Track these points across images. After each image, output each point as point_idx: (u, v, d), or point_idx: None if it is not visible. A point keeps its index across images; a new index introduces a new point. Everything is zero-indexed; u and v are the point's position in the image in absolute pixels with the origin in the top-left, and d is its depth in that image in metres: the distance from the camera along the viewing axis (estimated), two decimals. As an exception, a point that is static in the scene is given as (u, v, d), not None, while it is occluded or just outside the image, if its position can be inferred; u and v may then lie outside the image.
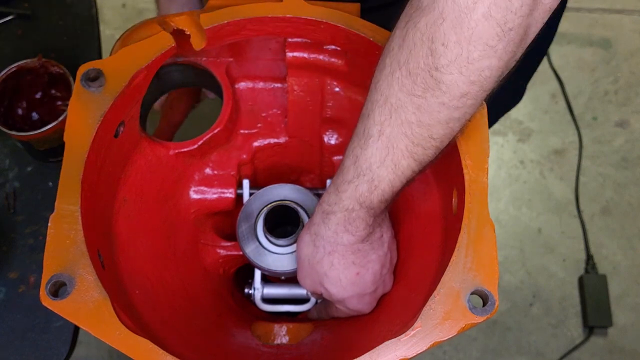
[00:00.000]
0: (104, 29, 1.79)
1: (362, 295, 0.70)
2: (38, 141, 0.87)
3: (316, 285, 0.70)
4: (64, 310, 0.58)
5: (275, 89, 0.83)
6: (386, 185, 0.60)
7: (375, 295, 0.72)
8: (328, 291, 0.70)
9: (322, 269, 0.68)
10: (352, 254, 0.67)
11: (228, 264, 0.87)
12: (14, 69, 0.88)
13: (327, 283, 0.69)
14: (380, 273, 0.70)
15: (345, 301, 0.71)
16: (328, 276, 0.68)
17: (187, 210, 0.82)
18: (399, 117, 0.57)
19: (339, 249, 0.66)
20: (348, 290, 0.69)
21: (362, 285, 0.69)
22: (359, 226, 0.64)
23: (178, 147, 0.79)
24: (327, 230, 0.65)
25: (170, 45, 0.70)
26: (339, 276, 0.68)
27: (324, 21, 0.71)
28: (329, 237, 0.65)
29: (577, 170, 1.89)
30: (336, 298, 0.70)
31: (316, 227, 0.66)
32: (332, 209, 0.64)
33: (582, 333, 1.72)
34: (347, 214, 0.63)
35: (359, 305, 0.72)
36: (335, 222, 0.64)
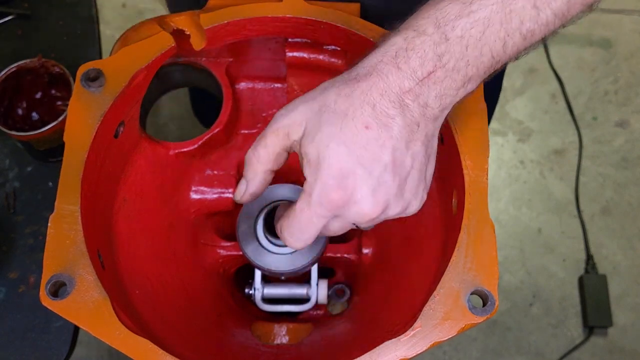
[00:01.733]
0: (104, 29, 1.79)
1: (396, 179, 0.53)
2: (38, 141, 0.87)
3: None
4: (64, 310, 0.59)
5: (275, 89, 0.83)
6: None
7: (402, 196, 0.55)
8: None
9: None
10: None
11: (228, 264, 0.87)
12: (14, 69, 0.88)
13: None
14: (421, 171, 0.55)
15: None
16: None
17: (187, 210, 0.82)
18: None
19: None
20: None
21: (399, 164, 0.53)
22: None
23: (178, 147, 0.79)
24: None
25: (170, 45, 0.70)
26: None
27: (324, 21, 0.71)
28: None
29: (577, 170, 1.89)
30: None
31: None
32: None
33: (582, 333, 1.73)
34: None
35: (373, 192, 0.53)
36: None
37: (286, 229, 0.56)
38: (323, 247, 0.75)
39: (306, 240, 0.56)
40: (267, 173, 0.58)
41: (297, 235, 0.56)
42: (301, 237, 0.56)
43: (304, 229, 0.55)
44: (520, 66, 2.02)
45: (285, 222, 0.56)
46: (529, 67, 2.02)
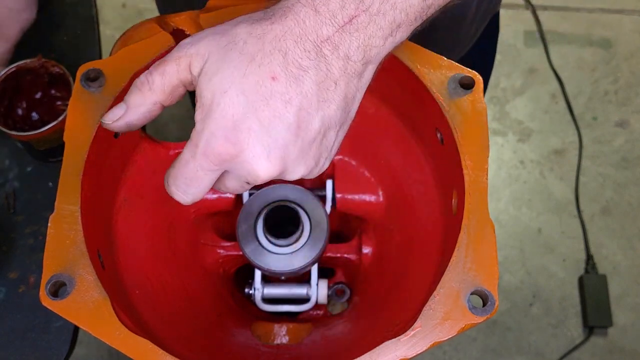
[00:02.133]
0: (104, 29, 1.79)
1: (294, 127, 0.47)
2: (38, 141, 0.87)
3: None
4: (64, 310, 0.59)
5: (275, 89, 0.83)
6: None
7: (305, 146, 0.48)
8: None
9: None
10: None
11: (228, 264, 0.87)
12: (14, 69, 0.88)
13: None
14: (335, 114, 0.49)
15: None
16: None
17: (187, 210, 0.82)
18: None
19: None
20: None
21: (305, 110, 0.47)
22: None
23: (178, 147, 0.79)
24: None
25: (170, 45, 0.70)
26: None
27: (324, 21, 0.71)
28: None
29: (577, 170, 1.89)
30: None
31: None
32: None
33: (582, 333, 1.73)
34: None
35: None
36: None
37: (172, 180, 0.50)
38: (323, 247, 0.75)
39: (194, 195, 0.50)
40: (155, 105, 0.50)
41: (183, 188, 0.50)
42: (187, 190, 0.50)
43: (190, 182, 0.49)
44: (520, 66, 2.02)
45: (172, 172, 0.50)
46: (529, 67, 2.02)
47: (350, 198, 0.84)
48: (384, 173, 0.82)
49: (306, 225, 0.75)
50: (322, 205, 0.76)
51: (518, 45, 2.05)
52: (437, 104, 0.66)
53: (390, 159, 0.80)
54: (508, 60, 2.02)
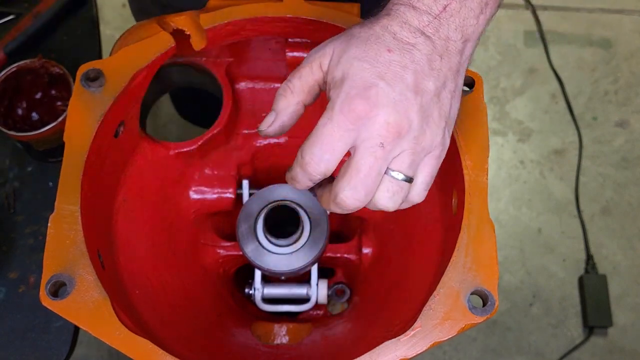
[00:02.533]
0: (104, 29, 1.79)
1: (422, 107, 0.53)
2: (38, 141, 0.87)
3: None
4: (64, 310, 0.59)
5: (275, 89, 0.83)
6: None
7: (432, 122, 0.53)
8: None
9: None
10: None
11: (228, 264, 0.87)
12: (14, 69, 0.88)
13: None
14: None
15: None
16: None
17: (187, 210, 0.82)
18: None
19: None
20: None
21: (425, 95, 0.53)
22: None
23: (178, 147, 0.79)
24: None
25: (170, 45, 0.70)
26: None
27: (324, 21, 0.71)
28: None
29: (577, 170, 1.89)
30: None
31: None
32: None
33: (582, 333, 1.72)
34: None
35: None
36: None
37: (307, 150, 0.53)
38: (323, 247, 0.75)
39: (328, 162, 0.52)
40: (299, 105, 0.56)
41: (319, 155, 0.52)
42: (323, 156, 0.52)
43: (325, 147, 0.52)
44: (520, 66, 2.02)
45: (307, 142, 0.53)
46: (529, 67, 2.02)
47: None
48: (384, 173, 0.82)
49: (306, 225, 0.75)
50: (322, 205, 0.76)
51: (518, 45, 2.05)
52: (437, 104, 0.66)
53: (390, 159, 0.80)
54: (508, 60, 2.02)
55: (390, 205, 0.55)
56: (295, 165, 0.55)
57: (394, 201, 0.55)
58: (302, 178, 0.55)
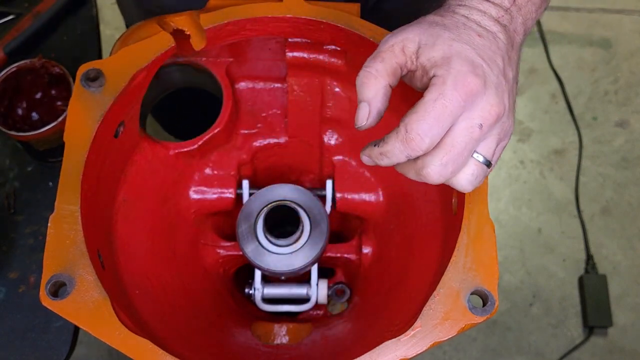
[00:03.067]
0: (104, 29, 1.79)
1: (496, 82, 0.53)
2: (38, 141, 0.87)
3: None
4: (64, 310, 0.58)
5: (275, 89, 0.83)
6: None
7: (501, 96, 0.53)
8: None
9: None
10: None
11: (228, 264, 0.87)
12: (14, 69, 0.88)
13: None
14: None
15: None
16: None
17: (187, 210, 0.82)
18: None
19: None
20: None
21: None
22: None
23: (178, 147, 0.79)
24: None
25: (170, 45, 0.70)
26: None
27: (324, 21, 0.71)
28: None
29: (577, 170, 1.89)
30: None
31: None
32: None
33: (582, 333, 1.72)
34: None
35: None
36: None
37: (414, 123, 0.51)
38: (323, 247, 0.75)
39: (433, 137, 0.51)
40: (387, 88, 0.54)
41: (426, 129, 0.51)
42: (430, 131, 0.51)
43: (435, 122, 0.50)
44: (520, 66, 2.02)
45: (414, 116, 0.51)
46: (529, 67, 2.02)
47: (350, 198, 0.84)
48: (384, 173, 0.82)
49: (306, 225, 0.75)
50: (322, 205, 0.76)
51: (518, 45, 2.05)
52: (437, 104, 0.66)
53: (390, 159, 0.80)
54: (508, 60, 2.03)
55: (469, 187, 0.55)
56: (393, 140, 0.53)
57: (474, 184, 0.55)
58: (399, 154, 0.53)
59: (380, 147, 0.54)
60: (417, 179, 0.55)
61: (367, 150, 0.56)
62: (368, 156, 0.56)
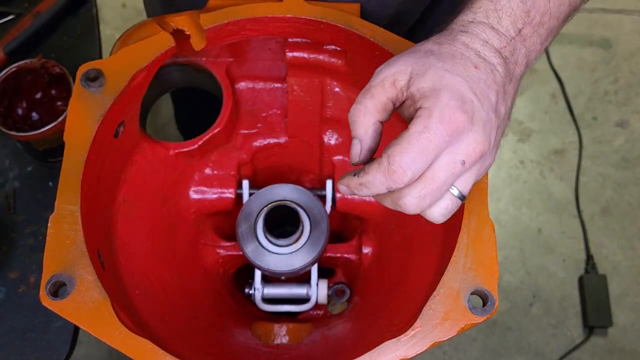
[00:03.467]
0: (104, 29, 1.79)
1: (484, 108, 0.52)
2: (38, 141, 0.87)
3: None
4: (64, 310, 0.59)
5: (275, 89, 0.83)
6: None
7: (487, 129, 0.52)
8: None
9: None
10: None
11: (228, 264, 0.87)
12: (14, 69, 0.88)
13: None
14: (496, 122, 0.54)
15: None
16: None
17: (187, 210, 0.82)
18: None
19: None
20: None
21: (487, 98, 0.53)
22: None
23: (178, 147, 0.79)
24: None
25: (170, 45, 0.70)
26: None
27: (324, 21, 0.71)
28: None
29: (577, 170, 1.89)
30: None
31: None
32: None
33: (582, 333, 1.72)
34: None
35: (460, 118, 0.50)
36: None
37: (397, 156, 0.50)
38: (323, 247, 0.75)
39: (415, 171, 0.50)
40: (377, 125, 0.54)
41: (409, 162, 0.50)
42: (412, 165, 0.50)
43: (418, 155, 0.50)
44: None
45: (398, 148, 0.50)
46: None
47: (350, 198, 0.84)
48: (384, 173, 0.82)
49: (306, 225, 0.75)
50: (322, 205, 0.76)
51: (518, 45, 2.05)
52: (437, 104, 0.66)
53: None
54: (508, 60, 2.03)
55: (441, 219, 0.54)
56: (375, 171, 0.52)
57: (446, 217, 0.54)
58: (379, 185, 0.52)
59: (360, 177, 0.53)
60: (393, 208, 0.54)
61: (345, 180, 0.55)
62: (346, 186, 0.55)
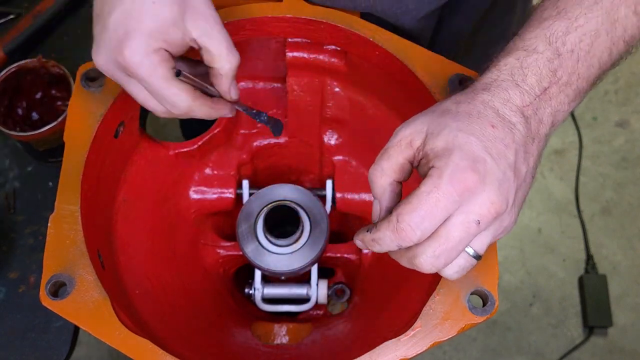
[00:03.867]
0: (104, 29, 1.79)
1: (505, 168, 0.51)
2: (38, 141, 0.87)
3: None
4: (64, 310, 0.59)
5: (275, 89, 0.83)
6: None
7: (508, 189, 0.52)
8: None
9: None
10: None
11: (228, 264, 0.87)
12: (14, 69, 0.88)
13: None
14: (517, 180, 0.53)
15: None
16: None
17: (187, 210, 0.82)
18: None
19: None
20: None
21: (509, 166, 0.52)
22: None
23: (178, 147, 0.79)
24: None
25: (170, 45, 0.70)
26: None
27: (324, 21, 0.71)
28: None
29: (577, 170, 1.89)
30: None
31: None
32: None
33: (582, 333, 1.72)
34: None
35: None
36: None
37: (406, 215, 0.50)
38: (323, 247, 0.75)
39: (424, 230, 0.50)
40: (394, 185, 0.55)
41: (418, 221, 0.50)
42: (421, 225, 0.50)
43: (426, 215, 0.50)
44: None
45: (407, 207, 0.50)
46: (529, 67, 2.02)
47: (350, 198, 0.84)
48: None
49: (306, 225, 0.75)
50: (322, 205, 0.76)
51: (518, 45, 2.05)
52: (437, 104, 0.66)
53: (390, 159, 0.80)
54: (508, 60, 2.03)
55: (455, 277, 0.54)
56: (384, 228, 0.52)
57: (460, 275, 0.54)
58: (390, 242, 0.52)
59: (372, 233, 0.53)
60: (409, 267, 0.54)
61: (360, 235, 0.56)
62: (361, 241, 0.56)
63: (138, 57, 0.57)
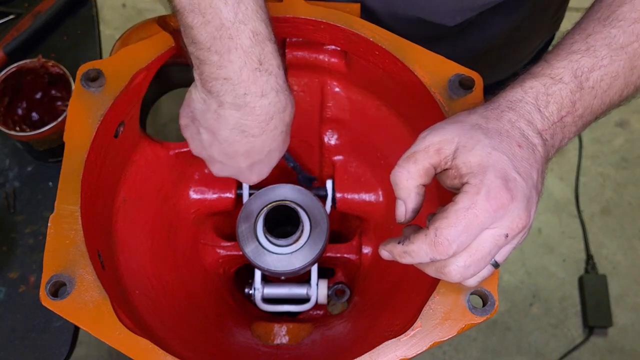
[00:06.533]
0: (104, 29, 1.79)
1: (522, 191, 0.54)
2: (38, 141, 0.87)
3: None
4: (64, 310, 0.59)
5: (275, 89, 0.83)
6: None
7: (526, 206, 0.55)
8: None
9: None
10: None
11: (228, 264, 0.87)
12: (14, 69, 0.88)
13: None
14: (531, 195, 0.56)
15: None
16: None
17: (187, 210, 0.82)
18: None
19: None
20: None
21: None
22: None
23: (178, 147, 0.79)
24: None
25: (170, 45, 0.70)
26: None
27: (324, 21, 0.71)
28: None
29: (577, 170, 1.89)
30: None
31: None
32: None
33: (582, 333, 1.73)
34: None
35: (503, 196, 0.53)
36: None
37: (444, 229, 0.52)
38: (323, 247, 0.75)
39: (460, 244, 0.53)
40: (419, 188, 0.57)
41: (455, 235, 0.52)
42: (458, 238, 0.52)
43: (465, 228, 0.52)
44: (520, 66, 2.02)
45: (445, 222, 0.53)
46: (529, 67, 2.02)
47: (350, 198, 0.84)
48: (384, 173, 0.82)
49: (306, 225, 0.75)
50: (322, 205, 0.76)
51: (518, 45, 2.05)
52: (437, 104, 0.67)
53: (390, 158, 0.80)
54: (508, 60, 2.03)
55: (473, 285, 0.57)
56: (421, 241, 0.54)
57: (478, 282, 0.57)
58: (424, 255, 0.54)
59: (405, 245, 0.55)
60: (435, 276, 0.56)
61: (388, 246, 0.57)
62: (389, 252, 0.57)
63: None
